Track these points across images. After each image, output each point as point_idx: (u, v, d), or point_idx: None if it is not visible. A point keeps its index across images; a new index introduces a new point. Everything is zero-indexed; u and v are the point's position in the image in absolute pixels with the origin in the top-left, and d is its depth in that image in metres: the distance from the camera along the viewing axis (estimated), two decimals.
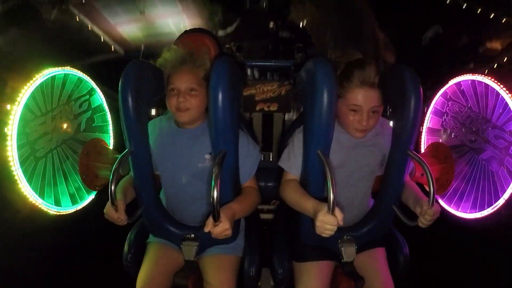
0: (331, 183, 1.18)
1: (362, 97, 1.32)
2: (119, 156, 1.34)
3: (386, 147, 1.44)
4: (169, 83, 1.43)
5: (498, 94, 1.49)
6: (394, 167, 1.42)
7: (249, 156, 1.50)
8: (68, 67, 1.67)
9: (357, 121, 1.35)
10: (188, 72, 1.42)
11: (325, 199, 1.22)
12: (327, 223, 1.19)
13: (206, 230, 1.27)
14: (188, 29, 1.70)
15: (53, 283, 2.09)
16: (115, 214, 1.28)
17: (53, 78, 1.59)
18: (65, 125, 1.68)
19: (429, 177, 1.28)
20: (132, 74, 1.30)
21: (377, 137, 1.46)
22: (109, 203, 1.28)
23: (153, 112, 1.75)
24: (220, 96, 1.27)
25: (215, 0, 3.22)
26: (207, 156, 1.45)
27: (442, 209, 1.69)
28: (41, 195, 1.53)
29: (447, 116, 1.76)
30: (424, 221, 1.28)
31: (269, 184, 1.78)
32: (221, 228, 1.26)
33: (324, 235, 1.23)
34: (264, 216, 2.11)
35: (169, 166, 1.49)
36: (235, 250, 1.57)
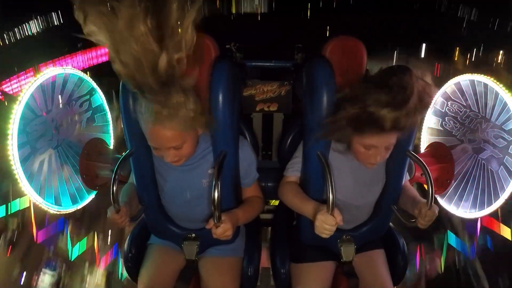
0: (331, 184, 1.19)
1: (379, 138, 1.22)
2: (120, 157, 1.34)
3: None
4: (148, 139, 1.24)
5: (497, 93, 1.49)
6: (393, 168, 1.42)
7: (251, 160, 1.48)
8: (69, 67, 1.67)
9: (372, 156, 1.26)
10: (165, 133, 1.17)
11: (325, 200, 1.22)
12: (326, 223, 1.19)
13: (208, 227, 1.26)
14: None
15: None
16: (117, 216, 1.28)
17: (53, 77, 1.59)
18: (65, 125, 1.68)
19: (428, 178, 1.28)
20: None
21: None
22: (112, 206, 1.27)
23: None
24: (220, 96, 1.28)
25: None
26: (210, 171, 1.39)
27: (442, 209, 1.69)
28: (41, 194, 1.53)
29: (446, 116, 1.77)
30: (422, 222, 1.28)
31: (269, 184, 1.79)
32: (223, 229, 1.26)
33: (323, 235, 1.23)
34: (264, 216, 2.11)
35: (173, 182, 1.42)
36: (235, 252, 1.56)
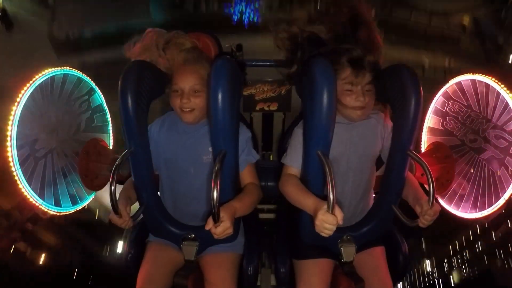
0: (331, 183, 1.18)
1: (354, 76, 1.34)
2: (119, 157, 1.34)
3: (381, 134, 1.48)
4: (172, 83, 1.43)
5: (498, 93, 1.48)
6: (394, 167, 1.42)
7: (241, 144, 1.48)
8: (68, 67, 1.66)
9: (354, 99, 1.37)
10: (192, 72, 1.41)
11: (325, 197, 1.22)
12: (326, 222, 1.19)
13: (207, 228, 1.26)
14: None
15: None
16: (120, 220, 1.30)
17: (52, 78, 1.58)
18: (64, 126, 1.67)
19: (429, 177, 1.28)
20: (132, 74, 1.30)
21: (370, 120, 1.48)
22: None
23: None
24: (220, 96, 1.27)
25: None
26: (211, 149, 1.43)
27: (442, 208, 1.69)
28: (41, 195, 1.53)
29: (447, 115, 1.76)
30: (424, 221, 1.28)
31: (269, 183, 1.78)
32: (223, 227, 1.26)
33: (323, 234, 1.23)
34: (264, 215, 2.11)
35: (178, 158, 1.50)
36: (235, 248, 1.57)
